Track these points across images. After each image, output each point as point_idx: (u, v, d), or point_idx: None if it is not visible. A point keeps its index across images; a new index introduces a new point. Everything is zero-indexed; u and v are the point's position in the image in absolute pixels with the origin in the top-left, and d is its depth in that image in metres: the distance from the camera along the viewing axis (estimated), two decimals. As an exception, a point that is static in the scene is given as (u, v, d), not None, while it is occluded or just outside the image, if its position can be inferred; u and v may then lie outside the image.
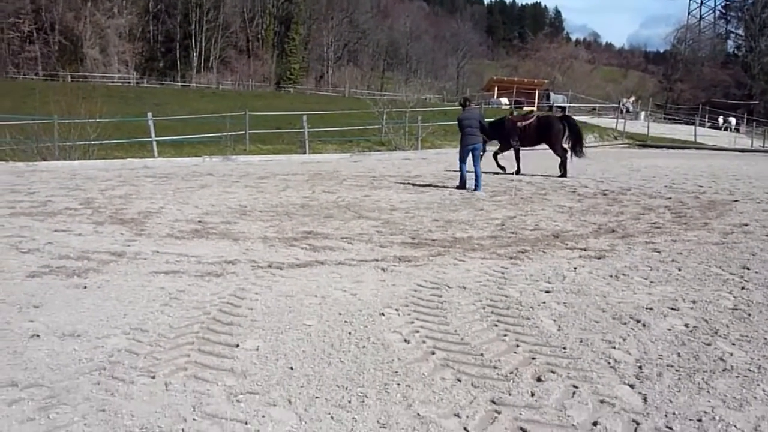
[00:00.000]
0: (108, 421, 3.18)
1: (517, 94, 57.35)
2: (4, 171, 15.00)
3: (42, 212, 9.11)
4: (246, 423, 3.18)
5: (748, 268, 6.45)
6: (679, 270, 6.40)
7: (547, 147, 17.30)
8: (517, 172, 16.86)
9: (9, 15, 64.56)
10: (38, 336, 4.32)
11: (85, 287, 5.50)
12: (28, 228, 7.98)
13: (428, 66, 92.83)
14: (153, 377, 3.69)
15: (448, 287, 5.71)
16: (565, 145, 16.79)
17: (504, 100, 54.15)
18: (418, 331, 4.54)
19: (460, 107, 13.90)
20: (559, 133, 16.74)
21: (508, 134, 16.91)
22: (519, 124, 16.93)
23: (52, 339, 4.28)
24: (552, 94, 57.89)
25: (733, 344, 4.35)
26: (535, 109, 17.34)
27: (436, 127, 29.26)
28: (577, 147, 16.75)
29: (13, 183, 12.41)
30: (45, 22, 67.33)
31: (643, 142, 34.92)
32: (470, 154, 13.15)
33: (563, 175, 16.10)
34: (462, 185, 13.28)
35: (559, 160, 16.58)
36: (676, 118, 54.73)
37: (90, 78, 61.67)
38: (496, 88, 60.97)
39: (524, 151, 17.74)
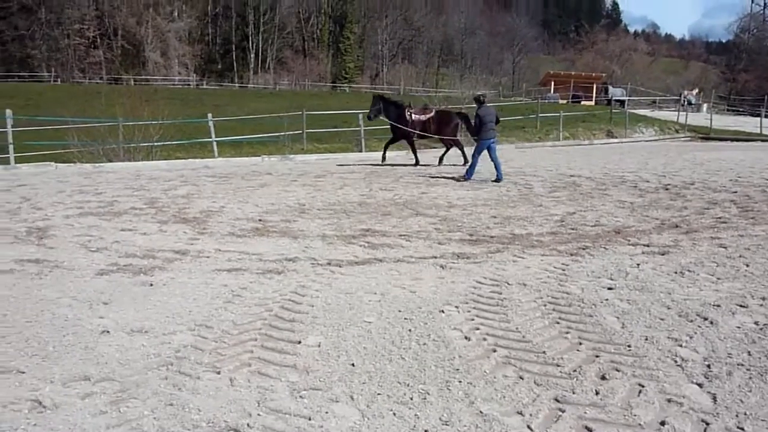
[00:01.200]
0: (176, 415, 3.26)
1: (574, 88, 56.45)
2: (73, 172, 15.49)
3: (109, 212, 9.38)
4: (309, 419, 3.22)
5: (821, 264, 6.23)
6: (747, 266, 6.21)
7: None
8: (416, 163, 17.69)
9: (74, 21, 66.67)
10: (108, 332, 4.45)
11: (151, 285, 5.65)
12: (96, 227, 8.22)
13: (483, 62, 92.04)
14: (218, 373, 3.77)
15: (508, 284, 5.67)
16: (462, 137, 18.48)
17: (558, 96, 53.37)
18: (478, 329, 4.52)
19: (475, 104, 14.37)
20: (457, 128, 17.85)
21: (411, 126, 17.33)
22: (420, 117, 17.43)
23: (121, 335, 4.41)
24: (610, 88, 56.67)
25: (807, 342, 4.21)
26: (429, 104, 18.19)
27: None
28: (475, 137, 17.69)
29: (81, 184, 12.80)
30: (108, 28, 69.31)
31: (705, 134, 33.95)
32: (487, 147, 13.85)
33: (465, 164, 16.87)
34: (470, 176, 13.92)
35: (453, 151, 18.10)
36: (741, 109, 52.96)
37: (152, 81, 63.19)
38: (552, 83, 60.12)
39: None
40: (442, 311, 4.92)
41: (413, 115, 17.30)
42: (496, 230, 8.24)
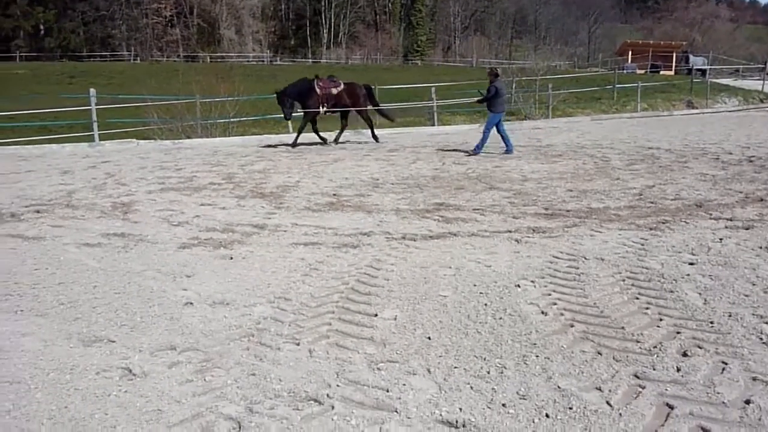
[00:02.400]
0: (258, 385, 3.36)
1: (652, 57, 54.60)
2: (153, 149, 15.96)
3: (188, 187, 9.65)
4: (387, 390, 3.27)
5: None
6: (841, 241, 5.94)
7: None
8: (294, 144, 15.93)
9: (152, 1, 68.27)
10: (191, 303, 4.61)
11: (231, 258, 5.80)
12: (177, 202, 8.48)
13: (558, 32, 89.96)
14: (297, 344, 3.86)
15: (585, 259, 5.59)
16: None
17: (635, 65, 51.72)
18: (555, 303, 4.48)
19: (490, 77, 14.21)
20: (365, 99, 16.73)
21: (321, 100, 15.91)
22: (332, 90, 16.05)
23: (204, 306, 4.55)
24: (691, 57, 54.49)
25: None
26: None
27: (567, 95, 28.42)
28: (382, 111, 17.57)
29: (162, 160, 13.19)
30: (184, 7, 70.69)
31: (794, 104, 32.35)
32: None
33: (376, 139, 16.84)
34: (479, 150, 13.77)
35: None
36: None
37: (227, 58, 64.28)
38: (629, 53, 58.27)
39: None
40: (518, 286, 4.89)
41: (323, 89, 15.82)
42: (573, 204, 8.10)
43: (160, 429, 2.97)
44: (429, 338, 3.92)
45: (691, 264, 5.40)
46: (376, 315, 4.31)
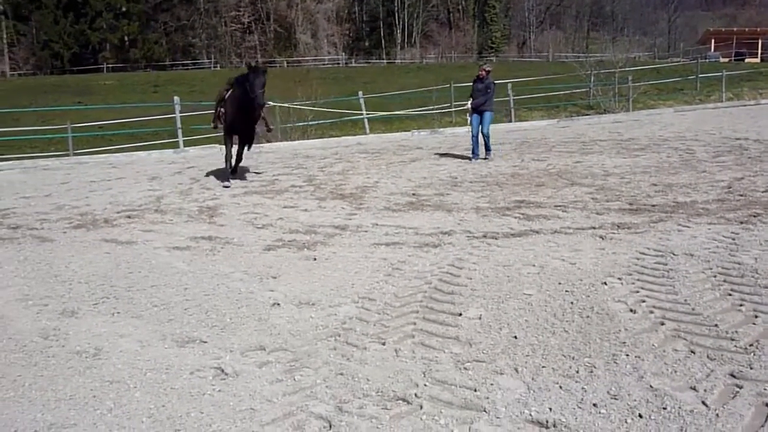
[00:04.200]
0: (347, 384, 3.41)
1: (737, 45, 52.50)
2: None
3: (271, 190, 9.86)
4: (475, 390, 3.27)
5: None
6: None
7: None
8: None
9: (230, 9, 69.93)
10: (278, 304, 4.71)
11: (315, 259, 5.90)
12: (261, 205, 8.67)
13: (636, 22, 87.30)
14: (383, 344, 3.90)
15: (674, 255, 5.44)
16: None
17: (718, 54, 49.82)
18: (644, 301, 4.38)
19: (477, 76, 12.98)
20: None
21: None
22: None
23: (290, 307, 4.65)
24: (778, 42, 52.14)
25: None
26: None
27: (648, 87, 27.62)
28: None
29: (244, 164, 13.49)
30: (261, 13, 72.08)
31: None
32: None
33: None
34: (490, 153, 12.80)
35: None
36: None
37: (303, 62, 65.22)
38: (712, 41, 56.22)
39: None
40: (605, 283, 4.80)
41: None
42: (658, 198, 7.88)
43: (254, 427, 3.05)
44: (515, 337, 3.90)
45: (788, 258, 5.19)
46: (460, 314, 4.31)
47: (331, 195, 9.24)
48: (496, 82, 13.40)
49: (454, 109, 22.90)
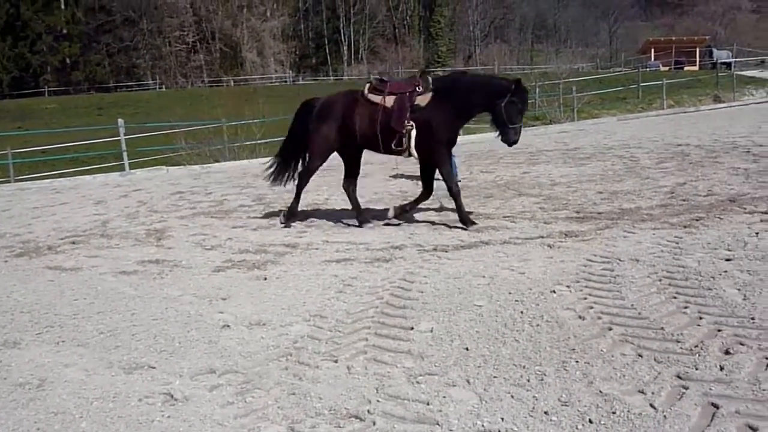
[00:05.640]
0: (299, 404, 3.38)
1: (676, 54, 54.16)
2: (183, 174, 16.15)
3: (219, 210, 9.75)
4: (428, 403, 3.27)
5: None
6: None
7: None
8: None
9: (174, 29, 69.28)
10: (229, 326, 4.65)
11: (265, 278, 5.85)
12: (209, 226, 8.56)
13: (578, 34, 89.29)
14: (336, 361, 3.87)
15: (620, 261, 5.54)
16: None
17: (659, 63, 51.34)
18: (592, 307, 4.45)
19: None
20: None
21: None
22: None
23: (241, 328, 4.59)
24: (715, 51, 53.92)
25: None
26: None
27: (592, 97, 28.24)
28: None
29: (192, 185, 13.34)
30: (206, 32, 71.59)
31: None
32: None
33: None
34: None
35: None
36: None
37: (250, 81, 64.97)
38: (652, 50, 57.92)
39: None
40: (554, 291, 4.86)
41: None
42: (604, 206, 8.04)
43: (205, 452, 2.99)
44: (467, 349, 3.91)
45: (728, 260, 5.33)
46: (412, 328, 4.31)
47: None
48: None
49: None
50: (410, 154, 7.57)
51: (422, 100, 7.46)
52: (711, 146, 13.25)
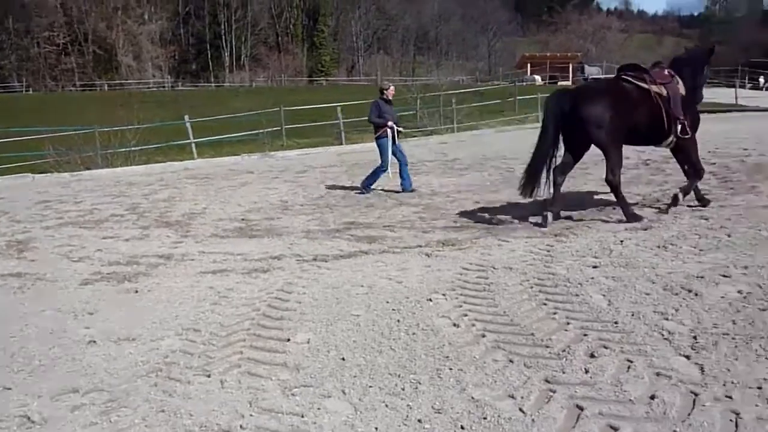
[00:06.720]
0: (168, 421, 3.24)
1: (550, 69, 56.69)
2: (51, 183, 15.31)
3: (89, 220, 9.30)
4: (302, 416, 3.21)
5: (801, 230, 6.27)
6: (729, 236, 6.25)
7: None
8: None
9: (43, 29, 65.90)
10: (95, 342, 4.42)
11: (137, 291, 5.61)
12: (78, 237, 8.15)
13: (459, 47, 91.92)
14: (208, 376, 3.75)
15: (494, 268, 5.68)
16: None
17: (537, 77, 53.62)
18: (466, 315, 4.53)
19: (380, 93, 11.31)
20: None
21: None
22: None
23: (108, 344, 4.37)
24: (587, 67, 57.04)
25: (791, 308, 4.25)
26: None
27: (471, 109, 29.02)
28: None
29: (60, 194, 12.67)
30: (79, 34, 68.52)
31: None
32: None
33: None
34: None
35: None
36: (716, 81, 53.33)
37: (126, 85, 62.70)
38: (528, 65, 60.36)
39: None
40: (430, 300, 4.92)
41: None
42: (481, 215, 8.24)
43: (63, 478, 2.81)
44: (343, 359, 3.89)
45: (595, 267, 5.57)
46: (288, 340, 4.24)
47: (155, 223, 8.86)
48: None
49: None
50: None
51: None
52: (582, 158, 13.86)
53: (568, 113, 7.38)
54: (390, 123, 10.87)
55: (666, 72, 7.65)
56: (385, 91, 11.10)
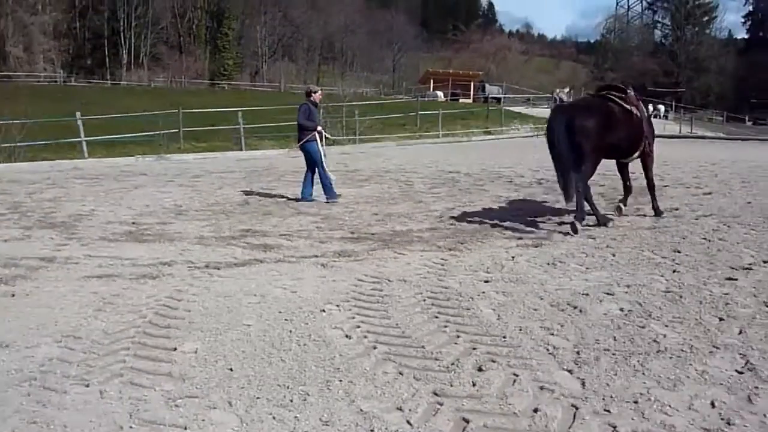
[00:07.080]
0: (40, 434, 3.07)
1: (452, 86, 57.89)
2: (-76, 176, 14.36)
3: (-34, 218, 8.76)
4: (185, 428, 3.11)
5: (678, 251, 6.63)
6: (614, 255, 6.54)
7: None
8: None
9: None
10: (-37, 348, 4.14)
11: (13, 295, 5.31)
12: (-49, 235, 7.65)
13: (364, 60, 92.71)
14: (87, 385, 3.58)
15: (389, 281, 5.71)
16: None
17: (440, 93, 54.66)
18: (359, 326, 4.52)
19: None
20: None
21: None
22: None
23: (-22, 351, 4.10)
24: (487, 86, 58.67)
25: (666, 326, 4.46)
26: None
27: (373, 121, 29.27)
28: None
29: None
30: (-37, 20, 64.66)
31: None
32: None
33: None
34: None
35: None
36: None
37: (14, 77, 59.55)
38: (431, 81, 61.41)
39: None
40: (323, 310, 4.89)
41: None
42: (378, 227, 8.29)
43: None
44: (231, 369, 3.79)
45: (487, 282, 5.69)
46: (175, 349, 4.11)
47: (38, 224, 8.43)
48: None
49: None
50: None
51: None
52: (479, 175, 14.23)
53: (566, 123, 7.93)
54: (319, 128, 10.80)
55: (633, 94, 8.44)
56: (313, 94, 10.92)
